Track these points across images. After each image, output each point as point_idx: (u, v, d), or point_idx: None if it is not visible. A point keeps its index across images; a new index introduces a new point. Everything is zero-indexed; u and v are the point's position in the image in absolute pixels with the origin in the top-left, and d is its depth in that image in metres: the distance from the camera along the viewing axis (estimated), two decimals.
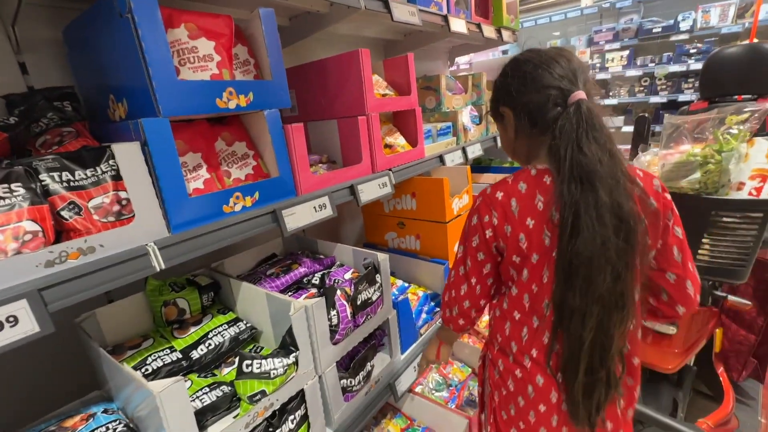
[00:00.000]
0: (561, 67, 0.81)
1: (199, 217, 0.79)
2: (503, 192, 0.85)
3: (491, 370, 0.99)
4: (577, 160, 0.75)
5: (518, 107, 0.87)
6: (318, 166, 1.19)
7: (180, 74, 0.79)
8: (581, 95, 0.79)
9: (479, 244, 0.89)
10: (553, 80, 0.81)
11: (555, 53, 0.84)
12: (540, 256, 0.83)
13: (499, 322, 0.94)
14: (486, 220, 0.86)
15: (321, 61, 1.22)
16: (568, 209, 0.75)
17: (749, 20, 4.07)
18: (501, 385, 0.96)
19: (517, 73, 0.86)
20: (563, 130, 0.77)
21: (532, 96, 0.83)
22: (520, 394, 0.92)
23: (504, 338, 0.93)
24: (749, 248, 1.10)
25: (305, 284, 1.08)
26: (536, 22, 5.37)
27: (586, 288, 0.76)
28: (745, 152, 1.07)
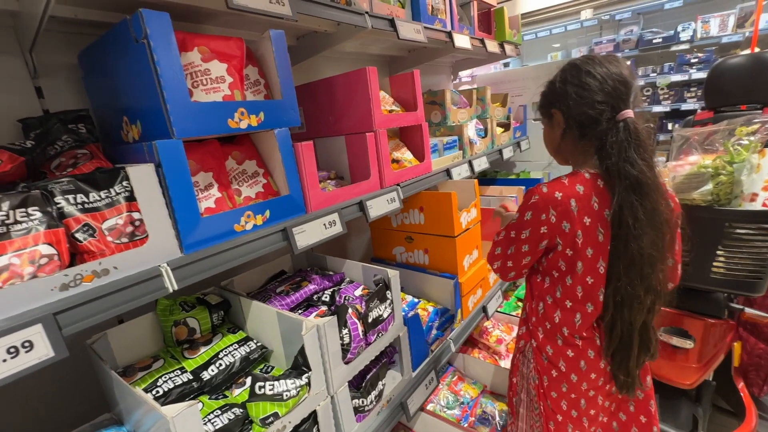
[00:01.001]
0: (616, 83, 0.89)
1: (211, 237, 0.79)
2: (562, 193, 0.91)
3: (538, 358, 1.07)
4: (629, 174, 0.86)
5: (571, 116, 0.95)
6: (326, 183, 1.19)
7: (193, 96, 0.80)
8: (629, 114, 0.88)
9: (529, 237, 0.96)
10: (607, 97, 0.89)
11: (613, 67, 0.90)
12: (594, 251, 0.93)
13: (549, 310, 1.02)
14: (543, 218, 0.92)
15: (329, 79, 1.24)
16: (628, 214, 0.86)
17: (749, 29, 4.09)
18: (551, 369, 1.04)
19: (576, 82, 0.93)
20: (614, 146, 0.87)
21: (586, 109, 0.91)
22: (572, 371, 1.02)
23: (554, 325, 1.02)
24: (765, 260, 1.08)
25: (315, 302, 1.07)
26: (537, 35, 5.42)
27: (640, 280, 0.89)
28: (757, 163, 1.06)
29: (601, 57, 0.94)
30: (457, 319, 1.43)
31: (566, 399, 1.04)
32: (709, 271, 1.16)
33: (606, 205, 0.91)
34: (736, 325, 1.31)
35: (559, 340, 1.02)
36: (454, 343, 1.38)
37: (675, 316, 1.31)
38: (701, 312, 1.27)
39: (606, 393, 1.04)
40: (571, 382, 1.03)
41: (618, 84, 0.89)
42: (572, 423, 1.06)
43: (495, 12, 2.12)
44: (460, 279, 1.42)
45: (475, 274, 1.53)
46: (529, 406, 1.12)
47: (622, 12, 4.78)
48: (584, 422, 1.05)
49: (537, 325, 1.06)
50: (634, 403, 1.06)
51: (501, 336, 1.82)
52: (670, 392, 1.35)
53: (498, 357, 1.77)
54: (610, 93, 0.88)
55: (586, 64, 0.93)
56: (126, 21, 0.70)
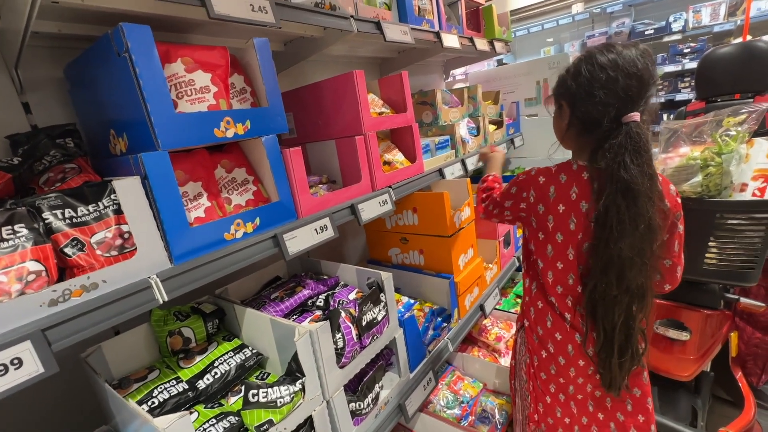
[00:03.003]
0: (630, 82, 0.85)
1: (201, 246, 0.79)
2: (545, 178, 0.99)
3: (529, 338, 1.12)
4: (620, 178, 0.86)
5: (577, 110, 0.95)
6: (318, 187, 1.19)
7: (178, 107, 0.80)
8: (635, 117, 0.87)
9: (511, 207, 1.08)
10: (615, 98, 0.86)
11: (630, 62, 0.85)
12: (564, 237, 0.98)
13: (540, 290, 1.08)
14: (524, 195, 1.03)
15: (317, 84, 1.24)
16: (613, 217, 0.87)
17: (741, 18, 4.10)
18: (540, 349, 1.09)
19: (586, 77, 0.89)
20: (612, 148, 0.87)
21: (590, 109, 0.90)
22: (560, 354, 1.05)
23: (545, 304, 1.07)
24: (757, 250, 1.08)
25: (310, 306, 1.07)
26: (529, 30, 5.44)
27: (616, 281, 0.91)
28: (746, 153, 1.06)
29: (622, 48, 0.88)
30: (454, 319, 1.43)
31: (554, 382, 1.08)
32: (702, 262, 1.16)
33: (584, 197, 0.94)
34: (732, 316, 1.31)
35: (548, 321, 1.07)
36: (451, 343, 1.38)
37: (671, 308, 1.31)
38: (697, 303, 1.28)
39: (597, 383, 1.04)
40: (559, 365, 1.06)
41: (630, 83, 0.85)
42: (560, 407, 1.09)
43: (483, 10, 2.12)
44: (455, 278, 1.43)
45: (471, 272, 1.53)
46: (522, 395, 1.17)
47: (614, 4, 4.79)
48: (572, 407, 1.08)
49: (530, 304, 1.11)
50: (631, 401, 1.05)
51: (500, 333, 1.82)
52: (668, 384, 1.35)
53: (498, 354, 1.77)
54: (618, 93, 0.85)
55: (601, 55, 0.88)
56: (108, 35, 0.70)
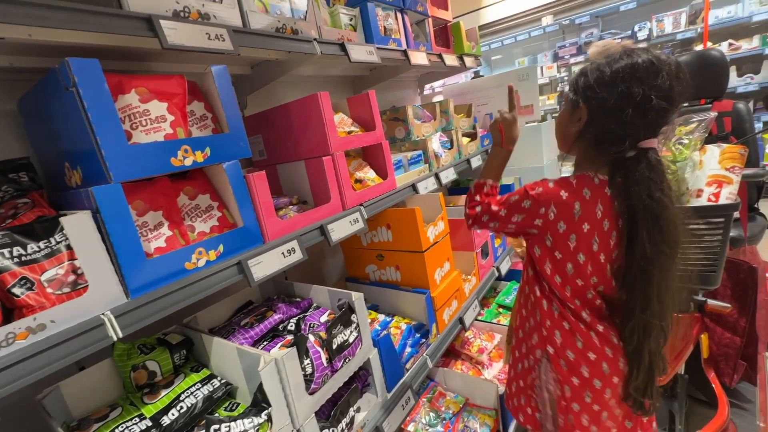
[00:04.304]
0: (661, 104, 0.79)
1: (160, 278, 0.77)
2: (568, 193, 0.89)
3: (557, 366, 0.99)
4: (651, 209, 0.84)
5: (596, 122, 0.88)
6: (288, 209, 1.19)
7: (132, 138, 0.79)
8: (653, 144, 0.85)
9: (520, 222, 0.95)
10: (643, 121, 0.81)
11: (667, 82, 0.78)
12: (586, 258, 0.91)
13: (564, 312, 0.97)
14: (541, 211, 0.91)
15: (284, 106, 1.25)
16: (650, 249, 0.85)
17: (701, 25, 4.29)
18: (571, 376, 0.97)
19: (621, 88, 0.81)
20: (640, 181, 0.84)
21: (616, 126, 0.84)
22: (595, 376, 0.96)
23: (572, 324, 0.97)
24: (717, 253, 1.11)
25: (281, 331, 1.05)
26: (502, 42, 5.59)
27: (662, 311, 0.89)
28: (699, 160, 1.10)
29: (662, 59, 0.79)
30: (433, 334, 1.43)
31: (588, 412, 0.98)
32: None
33: (607, 215, 0.89)
34: (701, 317, 1.34)
35: (578, 342, 0.96)
36: (431, 359, 1.37)
37: None
38: None
39: (628, 410, 0.98)
40: (594, 389, 0.96)
41: (664, 104, 0.78)
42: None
43: (452, 27, 2.18)
44: (432, 293, 1.42)
45: (449, 286, 1.53)
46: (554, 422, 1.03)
47: (581, 16, 4.97)
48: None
49: (553, 328, 0.99)
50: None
51: (483, 345, 1.82)
52: None
53: (481, 367, 1.77)
54: (649, 114, 0.80)
55: (642, 60, 0.79)
56: (55, 69, 0.70)
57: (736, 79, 4.25)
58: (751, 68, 4.25)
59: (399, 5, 1.66)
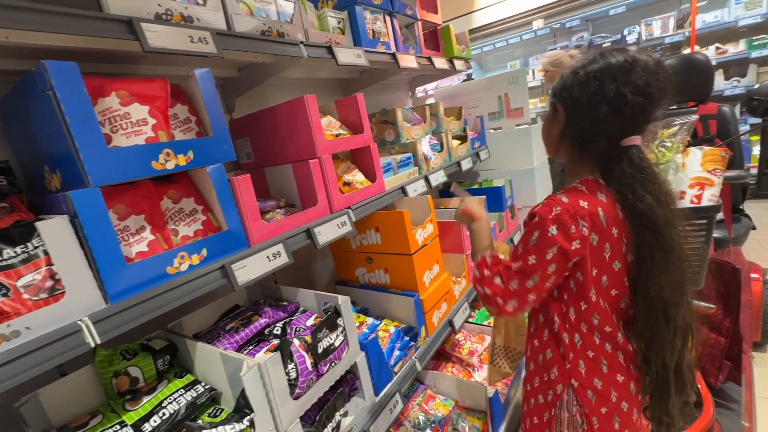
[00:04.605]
0: (638, 100, 0.77)
1: (141, 283, 0.77)
2: (588, 202, 0.82)
3: (583, 399, 0.91)
4: (639, 211, 0.80)
5: (573, 121, 0.86)
6: (275, 212, 1.18)
7: (112, 141, 0.78)
8: (636, 141, 0.81)
9: (556, 255, 0.82)
10: (619, 118, 0.79)
11: (642, 77, 0.76)
12: (621, 265, 0.86)
13: (588, 338, 0.90)
14: (573, 231, 0.80)
15: (271, 109, 1.24)
16: (645, 253, 0.81)
17: (688, 29, 4.36)
18: (600, 405, 0.90)
19: (593, 85, 0.80)
20: (623, 180, 0.81)
21: (591, 124, 0.82)
22: (623, 398, 0.91)
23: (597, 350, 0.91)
24: (700, 254, 1.12)
25: (267, 336, 1.05)
26: (494, 46, 5.63)
27: (667, 322, 0.83)
28: (682, 162, 1.11)
29: (637, 57, 0.77)
30: (422, 337, 1.42)
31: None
32: None
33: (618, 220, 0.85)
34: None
35: (603, 366, 0.90)
36: (419, 362, 1.37)
37: None
38: None
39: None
40: (623, 413, 0.91)
41: (640, 100, 0.76)
42: None
43: (441, 30, 2.19)
44: (421, 296, 1.42)
45: (438, 288, 1.53)
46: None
47: (571, 20, 5.02)
48: None
49: (576, 359, 0.91)
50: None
51: (473, 347, 1.82)
52: None
53: (471, 369, 1.77)
54: (624, 111, 0.78)
55: (616, 60, 0.78)
56: (32, 73, 0.69)
57: (723, 82, 4.32)
58: (737, 71, 4.32)
59: (388, 9, 1.67)
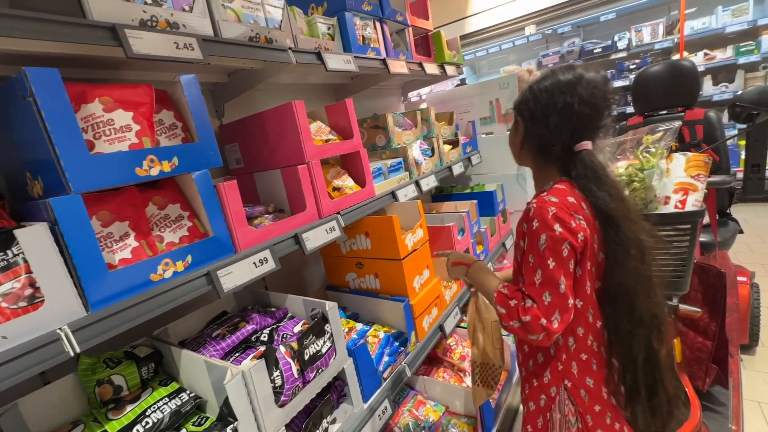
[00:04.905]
0: (585, 109, 0.85)
1: (123, 291, 0.76)
2: (573, 197, 0.87)
3: (577, 399, 0.93)
4: (595, 205, 0.87)
5: (531, 130, 0.95)
6: (264, 218, 1.18)
7: (95, 148, 0.78)
8: (586, 146, 0.89)
9: (570, 252, 0.83)
10: (568, 124, 0.88)
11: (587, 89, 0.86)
12: (593, 262, 0.89)
13: (582, 340, 0.92)
14: (573, 225, 0.83)
15: (259, 114, 1.25)
16: (607, 245, 0.87)
17: (677, 36, 4.43)
18: (593, 404, 0.92)
19: (544, 97, 0.90)
20: (579, 179, 0.89)
21: (545, 132, 0.91)
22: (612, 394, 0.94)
23: (590, 353, 0.93)
24: (685, 259, 1.13)
25: (254, 342, 1.04)
26: (488, 51, 5.68)
27: (630, 314, 0.86)
28: (666, 168, 1.13)
29: (582, 73, 0.88)
30: (412, 342, 1.42)
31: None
32: None
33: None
34: (674, 321, 1.36)
35: (594, 366, 0.93)
36: (409, 368, 1.36)
37: None
38: None
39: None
40: (613, 407, 0.94)
41: (587, 111, 0.86)
42: None
43: (433, 36, 2.21)
44: (411, 301, 1.42)
45: (428, 293, 1.53)
46: None
47: (563, 26, 5.09)
48: None
49: (569, 361, 0.93)
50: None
51: (465, 352, 1.82)
52: None
53: (463, 374, 1.76)
54: (573, 119, 0.86)
55: (563, 75, 0.89)
56: (12, 79, 0.68)
57: (711, 87, 4.38)
58: (726, 77, 4.39)
59: (378, 15, 1.68)
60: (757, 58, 4.13)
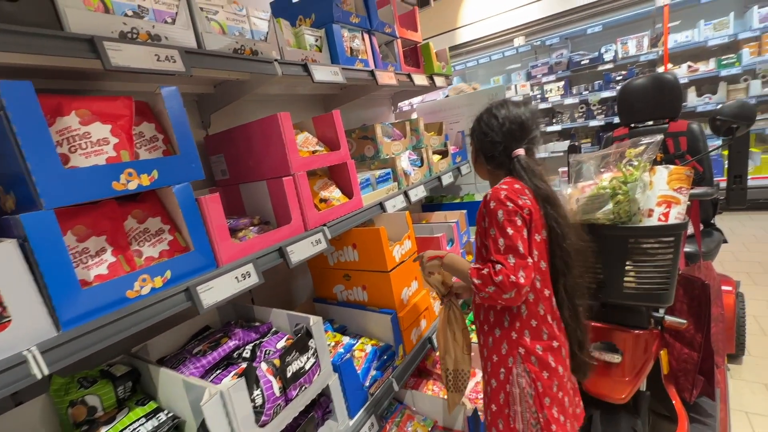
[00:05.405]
0: (513, 126, 1.13)
1: (97, 308, 0.73)
2: (518, 185, 1.09)
3: (529, 365, 1.08)
4: (535, 190, 1.09)
5: (479, 148, 1.22)
6: (248, 230, 1.16)
7: (70, 162, 0.76)
8: (520, 152, 1.13)
9: (522, 222, 1.04)
10: (503, 137, 1.14)
11: (515, 112, 1.14)
12: (541, 237, 1.08)
13: (532, 307, 1.09)
14: (521, 202, 1.04)
15: (245, 126, 1.23)
16: (552, 221, 1.07)
17: (661, 48, 4.54)
18: (542, 370, 1.08)
19: (484, 122, 1.18)
20: (518, 174, 1.11)
21: (487, 145, 1.17)
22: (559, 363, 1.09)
23: (539, 319, 1.09)
24: (669, 272, 1.14)
25: (236, 359, 1.01)
26: (478, 61, 5.76)
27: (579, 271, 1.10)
28: (649, 180, 1.14)
29: (511, 102, 1.18)
30: (399, 356, 1.40)
31: (557, 404, 1.09)
32: (622, 286, 1.22)
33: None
34: (660, 333, 1.37)
35: (544, 335, 1.09)
36: (397, 382, 1.34)
37: (603, 330, 1.35)
38: (626, 324, 1.32)
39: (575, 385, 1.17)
40: (558, 375, 1.09)
41: (515, 128, 1.13)
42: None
43: (421, 48, 2.23)
44: (399, 313, 1.41)
45: (416, 305, 1.52)
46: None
47: (551, 38, 5.18)
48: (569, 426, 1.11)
49: (522, 330, 1.10)
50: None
51: None
52: (609, 408, 1.37)
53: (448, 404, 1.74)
54: (505, 134, 1.13)
55: (495, 108, 1.17)
56: None
57: (696, 99, 4.48)
58: (709, 89, 4.50)
59: (366, 27, 1.69)
60: (738, 71, 4.24)
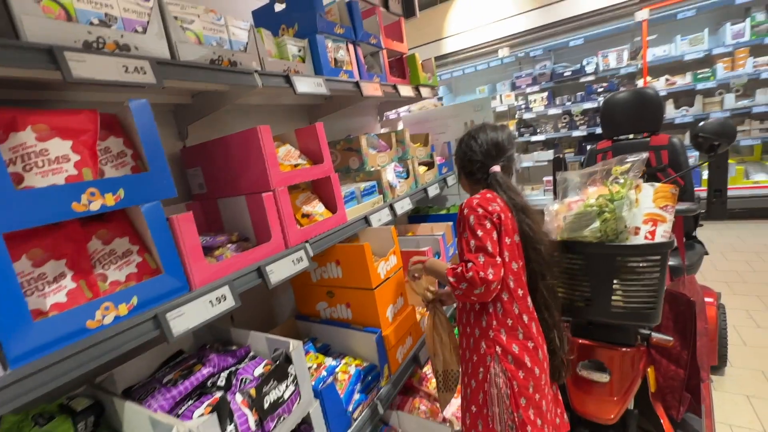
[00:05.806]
0: (491, 147, 1.26)
1: (51, 342, 0.67)
2: (490, 195, 1.19)
3: (505, 364, 1.12)
4: (508, 200, 1.19)
5: (461, 166, 1.35)
6: (225, 248, 1.10)
7: (24, 182, 0.70)
8: (496, 169, 1.25)
9: (492, 226, 1.13)
10: (482, 156, 1.26)
11: (493, 135, 1.28)
12: (511, 241, 1.15)
13: (508, 305, 1.14)
14: (491, 208, 1.14)
15: (223, 138, 1.18)
16: (527, 229, 1.17)
17: (640, 62, 4.66)
18: (518, 370, 1.12)
19: (465, 142, 1.32)
20: (495, 187, 1.22)
21: (468, 163, 1.31)
22: (535, 364, 1.13)
23: (515, 318, 1.14)
24: (656, 290, 1.13)
25: (209, 388, 0.95)
26: (464, 71, 5.82)
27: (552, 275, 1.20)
28: (635, 198, 1.13)
29: (489, 126, 1.31)
30: (385, 377, 1.35)
31: (533, 405, 1.11)
32: (610, 304, 1.20)
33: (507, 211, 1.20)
34: (647, 350, 1.36)
35: (520, 334, 1.14)
36: (382, 404, 1.29)
37: (590, 347, 1.34)
38: (613, 342, 1.31)
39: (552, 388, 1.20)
40: (535, 376, 1.12)
41: (492, 148, 1.26)
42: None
43: (407, 58, 2.21)
44: (384, 332, 1.36)
45: (402, 322, 1.48)
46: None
47: (535, 49, 5.27)
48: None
49: (498, 328, 1.15)
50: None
51: None
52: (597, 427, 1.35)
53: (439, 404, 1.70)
54: (483, 154, 1.26)
55: (475, 132, 1.31)
56: None
57: (673, 111, 4.61)
58: (686, 101, 4.63)
59: (351, 37, 1.66)
60: (713, 85, 4.39)
